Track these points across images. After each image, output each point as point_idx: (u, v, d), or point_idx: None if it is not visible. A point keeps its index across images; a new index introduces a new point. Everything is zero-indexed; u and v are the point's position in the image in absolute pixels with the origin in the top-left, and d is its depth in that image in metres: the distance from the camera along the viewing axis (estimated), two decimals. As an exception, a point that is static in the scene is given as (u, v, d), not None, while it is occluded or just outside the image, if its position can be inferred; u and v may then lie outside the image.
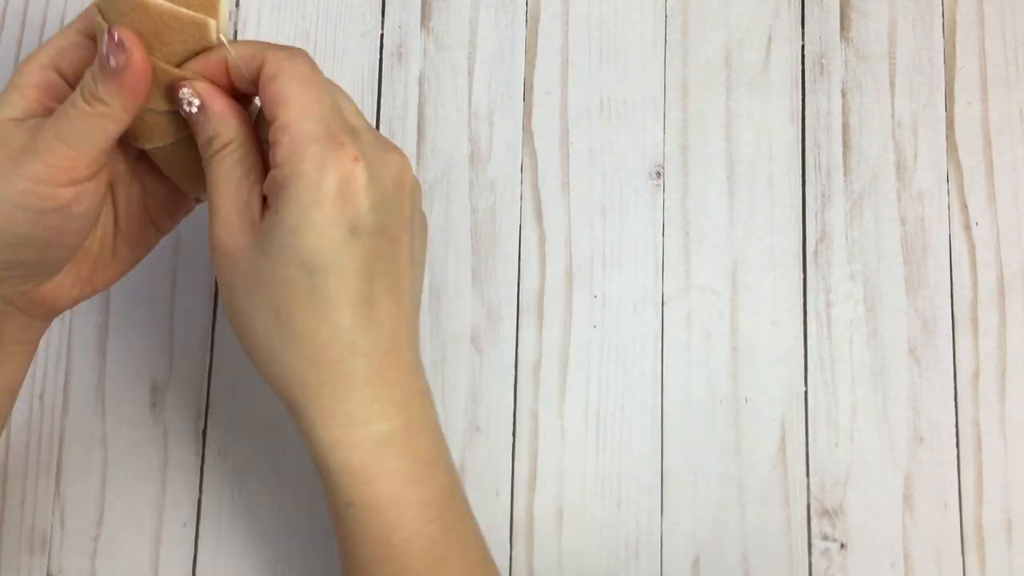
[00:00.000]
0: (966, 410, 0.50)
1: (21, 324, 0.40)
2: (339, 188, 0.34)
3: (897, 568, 0.48)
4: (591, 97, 0.52)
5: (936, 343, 0.50)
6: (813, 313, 0.51)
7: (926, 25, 0.53)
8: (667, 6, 0.53)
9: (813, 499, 0.49)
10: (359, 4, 0.53)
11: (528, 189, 0.51)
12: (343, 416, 0.36)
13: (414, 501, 0.37)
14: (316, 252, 0.34)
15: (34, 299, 0.39)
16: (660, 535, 0.49)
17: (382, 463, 0.36)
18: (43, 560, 0.48)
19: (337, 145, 0.34)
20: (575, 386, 0.50)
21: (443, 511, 0.38)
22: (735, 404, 0.50)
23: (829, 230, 0.51)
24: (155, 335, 0.50)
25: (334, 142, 0.34)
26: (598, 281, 0.51)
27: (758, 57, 0.53)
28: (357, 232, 0.34)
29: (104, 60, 0.35)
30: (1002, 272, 0.51)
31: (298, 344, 0.35)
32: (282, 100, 0.35)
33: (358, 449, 0.36)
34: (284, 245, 0.34)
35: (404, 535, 0.37)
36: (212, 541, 0.48)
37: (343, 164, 0.34)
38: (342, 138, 0.34)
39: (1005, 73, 0.53)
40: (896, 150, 0.52)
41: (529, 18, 0.53)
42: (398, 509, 0.37)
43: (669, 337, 0.50)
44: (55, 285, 0.40)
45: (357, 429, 0.36)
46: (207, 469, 0.49)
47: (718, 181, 0.52)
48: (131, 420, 0.49)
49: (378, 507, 0.37)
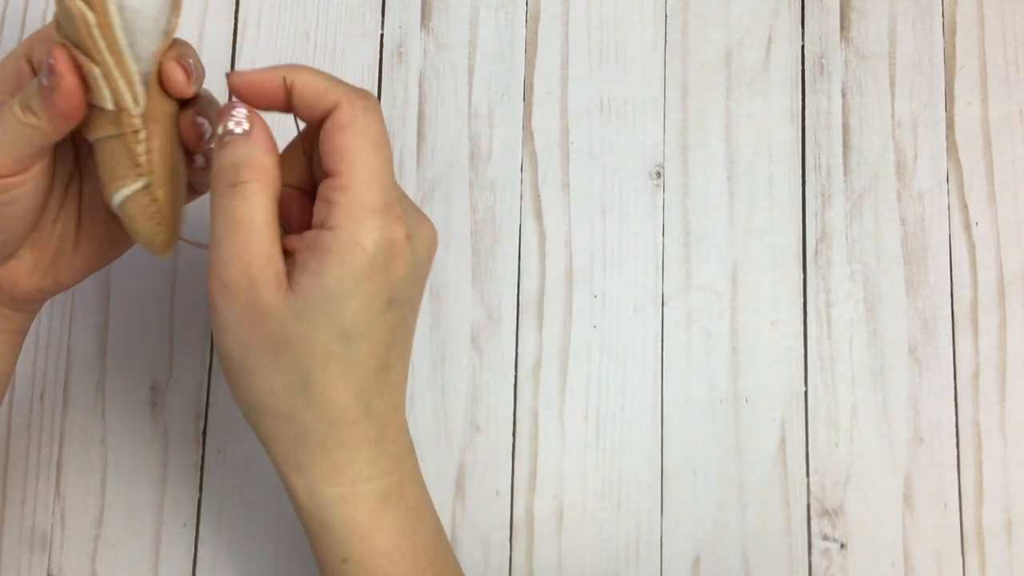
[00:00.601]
0: (966, 410, 0.50)
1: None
2: (387, 260, 0.34)
3: (897, 568, 0.48)
4: (591, 97, 0.52)
5: (936, 343, 0.50)
6: (813, 313, 0.51)
7: (926, 25, 0.53)
8: (667, 6, 0.53)
9: (813, 499, 0.49)
10: (359, 4, 0.53)
11: (528, 189, 0.51)
12: (351, 474, 0.36)
13: (409, 551, 0.38)
14: (358, 322, 0.34)
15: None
16: (660, 535, 0.49)
17: (380, 518, 0.37)
18: (43, 559, 0.48)
19: (395, 219, 0.34)
20: (575, 386, 0.50)
21: (434, 558, 0.39)
22: (735, 404, 0.50)
23: (829, 230, 0.51)
24: (155, 335, 0.50)
25: (392, 215, 0.34)
26: (598, 281, 0.51)
27: (758, 57, 0.53)
28: (392, 304, 0.35)
29: (40, 78, 0.35)
30: (1002, 272, 0.51)
31: (321, 405, 0.35)
32: (349, 159, 0.34)
33: (360, 505, 0.36)
34: (327, 312, 0.34)
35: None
36: (212, 541, 0.48)
37: (397, 237, 0.34)
38: (398, 211, 0.34)
39: (1005, 73, 0.53)
40: (896, 150, 0.52)
41: (529, 18, 0.53)
42: (393, 561, 0.37)
43: (669, 337, 0.50)
44: (9, 270, 0.39)
45: (361, 486, 0.36)
46: (207, 469, 0.49)
47: (718, 181, 0.52)
48: (131, 420, 0.49)
49: (375, 561, 0.37)
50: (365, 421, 0.36)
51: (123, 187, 0.37)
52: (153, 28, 0.35)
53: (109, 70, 0.35)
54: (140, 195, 0.37)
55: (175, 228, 0.38)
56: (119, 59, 0.35)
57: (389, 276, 0.34)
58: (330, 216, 0.34)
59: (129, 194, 0.37)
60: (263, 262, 0.34)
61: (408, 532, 0.37)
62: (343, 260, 0.33)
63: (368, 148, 0.34)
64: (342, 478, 0.36)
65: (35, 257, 0.40)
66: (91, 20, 0.34)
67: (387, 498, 0.37)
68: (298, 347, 0.34)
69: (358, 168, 0.34)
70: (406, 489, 0.38)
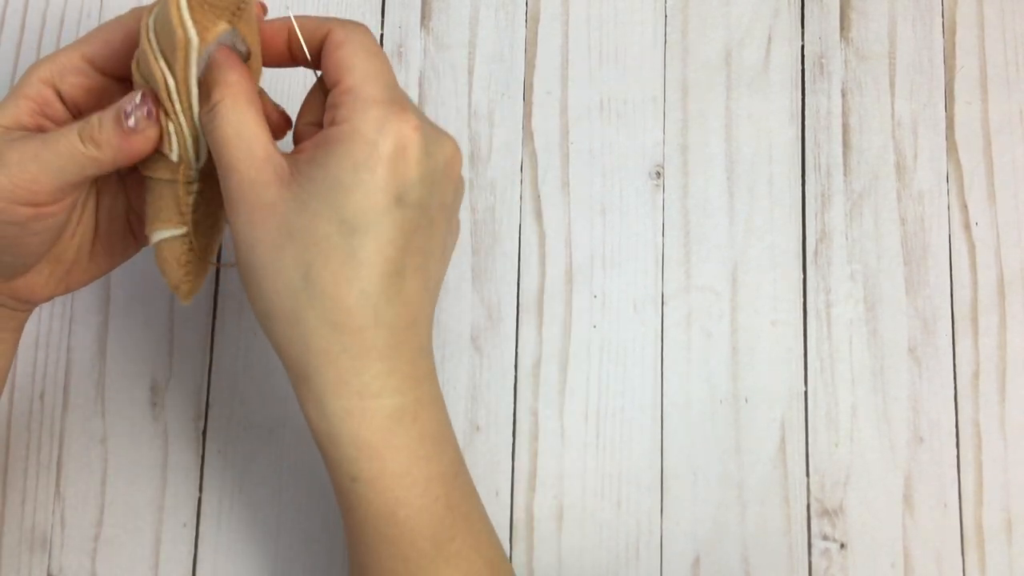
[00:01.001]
0: (966, 410, 0.50)
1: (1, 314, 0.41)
2: (394, 153, 0.34)
3: (897, 568, 0.48)
4: (591, 97, 0.52)
5: (936, 343, 0.50)
6: (813, 313, 0.51)
7: (926, 25, 0.53)
8: (667, 6, 0.53)
9: (813, 499, 0.49)
10: (359, 3, 0.53)
11: (528, 189, 0.51)
12: (357, 386, 0.35)
13: (420, 478, 0.36)
14: (360, 213, 0.34)
15: (2, 291, 0.40)
16: (660, 535, 0.49)
17: (391, 438, 0.36)
18: (43, 559, 0.48)
19: (399, 110, 0.34)
20: (575, 386, 0.50)
21: (449, 488, 0.38)
22: (735, 404, 0.50)
23: (829, 230, 0.51)
24: (155, 335, 0.50)
25: (396, 106, 0.34)
26: (598, 281, 0.51)
27: (758, 57, 0.53)
28: (402, 201, 0.34)
29: (122, 114, 0.35)
30: (1002, 272, 0.51)
31: (324, 305, 0.34)
32: (348, 66, 0.35)
33: (368, 422, 0.35)
34: (328, 201, 0.34)
35: (409, 511, 0.36)
36: (212, 541, 0.48)
37: (403, 130, 0.34)
38: (405, 105, 0.35)
39: (1005, 73, 0.53)
40: (896, 150, 0.52)
41: (529, 18, 0.53)
42: (404, 486, 0.36)
43: (669, 337, 0.50)
44: (27, 281, 0.40)
45: (370, 401, 0.35)
46: (207, 469, 0.49)
47: (718, 181, 0.52)
48: (131, 420, 0.49)
49: (384, 483, 0.36)
50: (373, 329, 0.35)
51: (163, 229, 0.38)
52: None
53: (180, 127, 0.36)
54: (178, 241, 0.38)
55: (202, 279, 0.39)
56: (190, 119, 0.36)
57: (396, 171, 0.34)
58: (335, 116, 0.35)
59: (168, 237, 0.38)
60: (259, 164, 0.35)
61: (422, 457, 0.36)
62: (345, 149, 0.34)
63: (363, 55, 0.35)
64: (348, 390, 0.35)
65: (51, 268, 0.40)
66: (171, 85, 0.35)
67: (399, 418, 0.36)
68: (300, 238, 0.34)
69: (357, 71, 0.35)
70: (421, 413, 0.36)
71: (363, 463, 0.36)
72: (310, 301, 0.34)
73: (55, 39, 0.52)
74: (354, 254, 0.34)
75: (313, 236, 0.34)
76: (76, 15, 0.52)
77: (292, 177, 0.35)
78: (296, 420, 0.49)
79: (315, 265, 0.34)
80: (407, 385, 0.36)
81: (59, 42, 0.52)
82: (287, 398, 0.49)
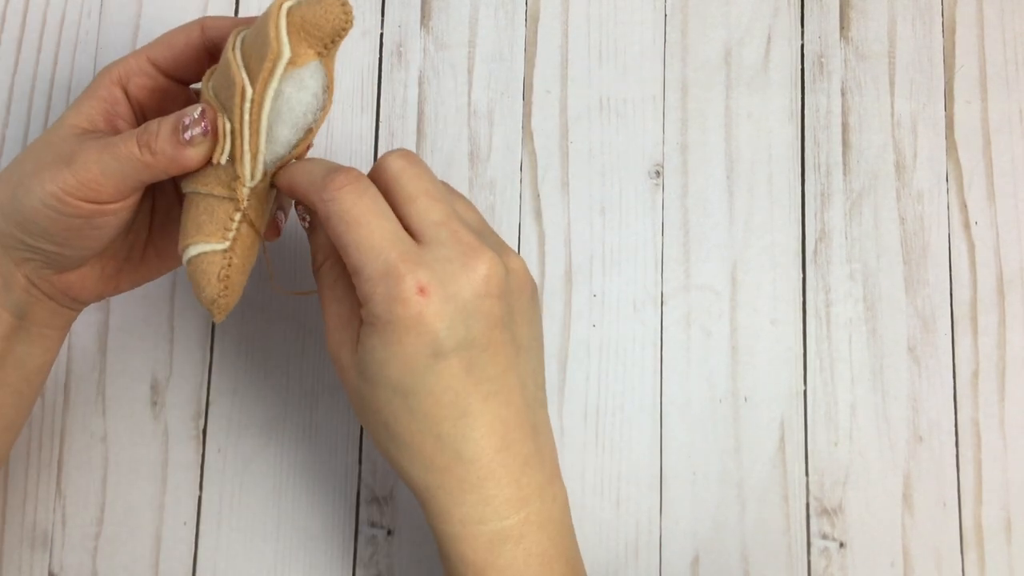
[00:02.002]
0: (966, 409, 0.50)
1: (49, 309, 0.42)
2: (411, 324, 0.35)
3: (896, 567, 0.48)
4: (591, 96, 0.52)
5: (936, 342, 0.50)
6: (812, 312, 0.51)
7: (926, 25, 0.53)
8: (667, 6, 0.53)
9: (812, 498, 0.49)
10: (359, 3, 0.53)
11: (527, 188, 0.51)
12: (459, 516, 0.38)
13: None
14: (403, 378, 0.36)
15: (56, 286, 0.41)
16: (660, 534, 0.49)
17: (494, 559, 0.38)
18: (44, 557, 0.48)
19: (397, 282, 0.35)
20: (574, 385, 0.50)
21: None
22: (734, 403, 0.50)
23: (828, 229, 0.51)
24: (155, 334, 0.50)
25: (394, 278, 0.35)
26: (597, 280, 0.51)
27: (758, 56, 0.53)
28: (440, 354, 0.36)
29: (180, 125, 0.37)
30: (1001, 271, 0.51)
31: (410, 454, 0.38)
32: (341, 246, 0.36)
33: (471, 544, 0.38)
34: (376, 374, 0.37)
35: None
36: (212, 539, 0.48)
37: (409, 301, 0.35)
38: (402, 270, 0.35)
39: (1004, 73, 0.53)
40: (896, 149, 0.52)
41: (529, 18, 0.53)
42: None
43: (668, 336, 0.50)
44: (78, 276, 0.42)
45: (471, 527, 0.38)
46: (207, 467, 0.49)
47: (717, 180, 0.52)
48: (132, 418, 0.49)
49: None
50: (458, 466, 0.37)
51: (203, 243, 0.39)
52: (298, 121, 0.38)
53: (243, 141, 0.37)
54: (217, 256, 0.39)
55: (237, 296, 0.40)
56: (255, 137, 0.37)
57: (420, 335, 0.36)
58: (358, 293, 0.37)
59: (207, 251, 0.39)
60: (342, 325, 0.38)
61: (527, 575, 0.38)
62: (371, 331, 0.36)
63: (345, 231, 0.36)
64: (451, 518, 0.38)
65: (103, 265, 0.43)
66: (248, 95, 0.37)
67: (502, 541, 0.38)
68: (369, 403, 0.38)
69: (350, 252, 0.36)
70: (528, 534, 0.38)
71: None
72: (398, 450, 0.38)
73: (55, 39, 0.52)
74: (413, 412, 0.37)
75: (378, 401, 0.37)
76: (76, 15, 0.52)
77: (358, 344, 0.37)
78: (296, 420, 0.49)
79: (389, 423, 0.37)
80: (508, 509, 0.38)
81: (59, 42, 0.52)
82: (287, 398, 0.49)
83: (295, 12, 0.36)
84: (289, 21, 0.36)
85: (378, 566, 0.48)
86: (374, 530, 0.49)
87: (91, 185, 0.37)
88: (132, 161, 0.37)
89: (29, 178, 0.38)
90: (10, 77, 0.51)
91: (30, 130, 0.51)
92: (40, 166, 0.38)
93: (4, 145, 0.51)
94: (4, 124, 0.51)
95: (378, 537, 0.49)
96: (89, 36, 0.52)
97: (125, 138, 0.38)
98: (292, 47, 0.36)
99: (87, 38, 0.52)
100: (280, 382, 0.50)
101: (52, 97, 0.51)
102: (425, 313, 0.35)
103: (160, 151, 0.37)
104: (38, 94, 0.51)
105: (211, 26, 0.40)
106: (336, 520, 0.49)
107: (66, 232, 0.38)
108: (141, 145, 0.37)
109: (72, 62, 0.52)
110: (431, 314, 0.36)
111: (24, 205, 0.38)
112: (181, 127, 0.37)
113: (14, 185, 0.39)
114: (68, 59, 0.52)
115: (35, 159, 0.39)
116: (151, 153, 0.37)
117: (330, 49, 0.37)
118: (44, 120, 0.51)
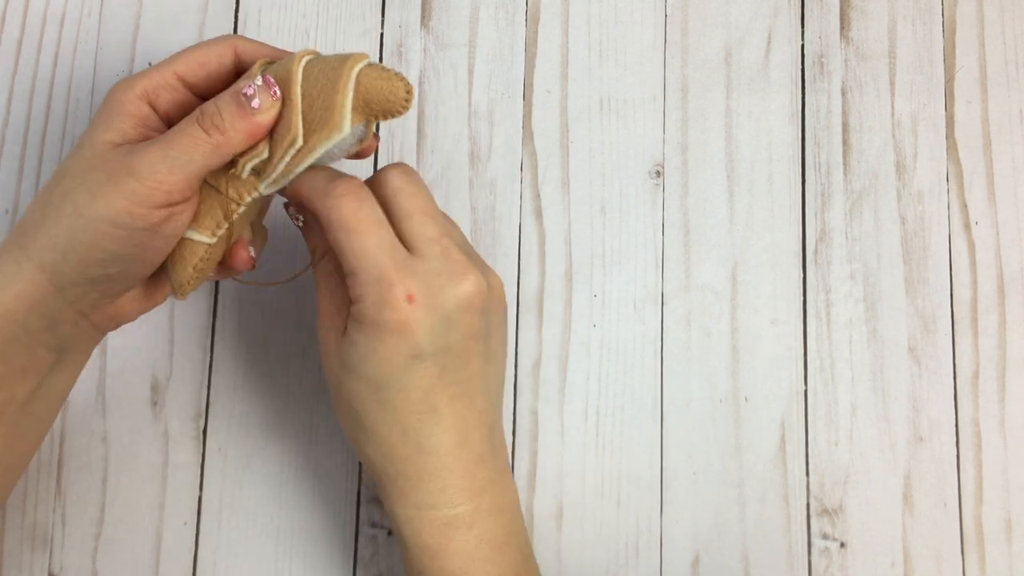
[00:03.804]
0: (966, 409, 0.50)
1: (89, 338, 0.42)
2: (396, 328, 0.38)
3: (897, 567, 0.48)
4: (591, 96, 0.52)
5: (936, 342, 0.50)
6: (813, 312, 0.51)
7: (926, 25, 0.53)
8: (667, 6, 0.53)
9: (813, 498, 0.49)
10: (359, 3, 0.53)
11: (528, 188, 0.51)
12: (415, 500, 0.40)
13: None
14: (380, 375, 0.39)
15: (107, 313, 0.42)
16: (660, 534, 0.49)
17: (447, 543, 0.40)
18: (44, 558, 0.48)
19: (388, 288, 0.38)
20: (575, 385, 0.50)
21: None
22: (735, 403, 0.50)
23: (829, 229, 0.51)
24: (155, 334, 0.50)
25: (385, 284, 0.38)
26: (598, 280, 0.51)
27: (758, 56, 0.53)
28: (419, 357, 0.39)
29: (245, 97, 0.38)
30: (1002, 271, 0.51)
31: (375, 442, 0.40)
32: (339, 251, 0.39)
33: (426, 528, 0.40)
34: (355, 366, 0.39)
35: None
36: (213, 539, 0.48)
37: (397, 307, 0.38)
38: (394, 278, 0.38)
39: (1005, 73, 0.53)
40: (896, 149, 0.52)
41: (529, 18, 0.53)
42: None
43: (669, 336, 0.50)
44: (127, 299, 0.42)
45: (426, 512, 0.40)
46: (208, 467, 0.49)
47: (718, 180, 0.52)
48: (132, 418, 0.49)
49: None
50: (420, 457, 0.40)
51: (194, 231, 0.40)
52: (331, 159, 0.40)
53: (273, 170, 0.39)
54: (201, 247, 0.40)
55: (199, 284, 0.42)
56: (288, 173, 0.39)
57: (403, 338, 0.38)
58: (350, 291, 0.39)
59: (195, 239, 0.40)
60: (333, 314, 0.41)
61: (478, 560, 0.41)
62: (357, 327, 0.39)
63: (344, 238, 0.38)
64: (407, 502, 0.41)
65: (145, 284, 0.43)
66: (297, 145, 0.38)
67: (455, 526, 0.40)
68: (346, 391, 0.40)
69: (347, 256, 0.38)
70: (479, 520, 0.41)
71: (425, 561, 0.41)
72: (365, 438, 0.41)
73: (55, 39, 0.52)
74: (384, 404, 0.40)
75: (352, 391, 0.40)
76: (76, 15, 0.52)
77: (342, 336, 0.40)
78: (296, 419, 0.49)
79: (360, 413, 0.40)
80: (462, 498, 0.41)
81: (60, 42, 0.52)
82: (287, 397, 0.49)
83: (363, 81, 0.38)
84: (356, 92, 0.38)
85: (379, 566, 0.48)
86: (374, 530, 0.49)
87: (162, 187, 0.37)
88: (200, 147, 0.38)
89: (87, 207, 0.37)
90: (10, 77, 0.51)
91: (30, 130, 0.51)
92: (95, 191, 0.37)
93: (4, 145, 0.51)
94: (4, 124, 0.51)
95: (378, 537, 0.49)
96: (89, 36, 0.52)
97: (183, 129, 0.38)
98: (352, 120, 0.38)
99: (87, 38, 0.52)
100: (280, 382, 0.50)
101: (52, 97, 0.51)
102: (410, 320, 0.38)
103: (231, 127, 0.38)
104: (38, 94, 0.51)
105: (244, 50, 0.41)
106: (336, 520, 0.49)
107: (134, 249, 0.38)
108: (207, 128, 0.38)
109: (72, 62, 0.52)
110: (415, 321, 0.38)
111: (87, 236, 0.38)
112: (245, 97, 0.38)
113: (68, 221, 0.38)
114: (68, 59, 0.52)
115: (85, 188, 0.38)
116: (221, 132, 0.38)
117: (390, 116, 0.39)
118: (44, 120, 0.51)
